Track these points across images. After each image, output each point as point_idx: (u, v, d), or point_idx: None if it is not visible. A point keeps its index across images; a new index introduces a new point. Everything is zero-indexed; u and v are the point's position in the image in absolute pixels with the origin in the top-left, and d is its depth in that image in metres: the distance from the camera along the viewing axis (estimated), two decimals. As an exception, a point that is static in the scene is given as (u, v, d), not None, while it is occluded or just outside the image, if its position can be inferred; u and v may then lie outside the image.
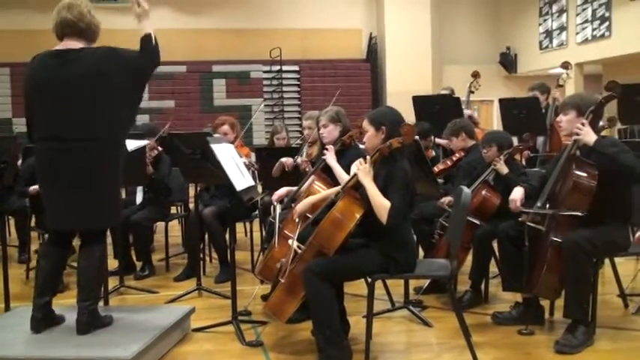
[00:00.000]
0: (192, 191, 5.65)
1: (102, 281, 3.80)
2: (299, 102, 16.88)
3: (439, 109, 6.40)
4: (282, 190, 4.60)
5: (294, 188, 4.60)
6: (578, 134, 3.68)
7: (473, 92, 7.16)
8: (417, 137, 4.31)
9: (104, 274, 4.01)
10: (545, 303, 4.13)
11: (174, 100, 16.06)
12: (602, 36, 14.01)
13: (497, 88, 16.29)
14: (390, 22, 16.53)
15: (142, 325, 3.70)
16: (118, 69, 3.46)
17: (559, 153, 4.15)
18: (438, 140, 6.09)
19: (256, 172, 5.77)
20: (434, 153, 6.03)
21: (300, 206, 3.75)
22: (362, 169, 3.43)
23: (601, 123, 4.19)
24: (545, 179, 3.98)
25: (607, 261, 4.64)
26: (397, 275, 3.56)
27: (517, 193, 3.94)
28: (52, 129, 3.46)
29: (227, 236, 5.15)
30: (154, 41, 3.61)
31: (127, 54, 3.54)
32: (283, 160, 5.18)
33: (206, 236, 5.68)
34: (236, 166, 3.94)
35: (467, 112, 6.85)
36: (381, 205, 3.34)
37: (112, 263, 5.32)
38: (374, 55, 17.26)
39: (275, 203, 4.49)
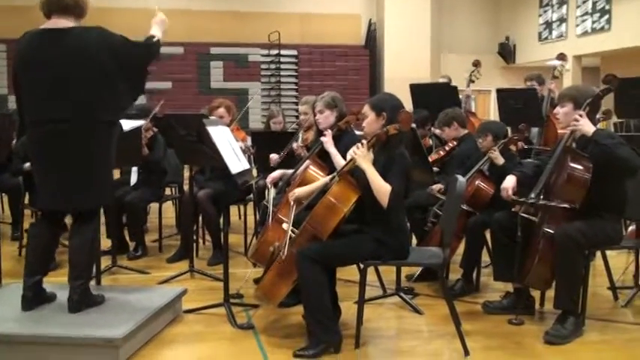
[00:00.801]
0: (186, 173, 5.63)
1: (93, 260, 3.80)
2: (296, 86, 16.83)
3: (436, 98, 6.38)
4: (276, 173, 4.60)
5: (289, 171, 4.60)
6: (576, 125, 3.68)
7: (473, 82, 7.14)
8: (413, 125, 4.30)
9: (96, 253, 4.00)
10: (535, 293, 4.15)
11: (171, 81, 15.98)
12: (602, 29, 13.99)
13: (495, 78, 16.26)
14: (390, 9, 16.46)
15: (133, 306, 3.71)
16: (107, 52, 3.41)
17: (554, 145, 4.15)
18: (433, 130, 6.09)
19: (252, 156, 5.76)
20: (431, 142, 6.02)
21: (298, 192, 3.73)
22: (360, 153, 3.42)
23: (597, 115, 4.20)
24: (540, 169, 3.99)
25: (599, 253, 4.66)
26: (389, 262, 3.57)
27: (509, 182, 3.94)
28: (39, 110, 3.44)
29: (221, 219, 5.15)
30: (157, 44, 3.64)
31: (118, 39, 3.49)
32: (271, 155, 5.18)
33: (200, 218, 5.67)
34: (232, 149, 3.93)
35: (467, 91, 6.85)
36: (382, 187, 3.34)
37: (105, 243, 5.32)
38: (372, 41, 17.19)
39: (269, 186, 4.49)
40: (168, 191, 6.81)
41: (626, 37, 13.12)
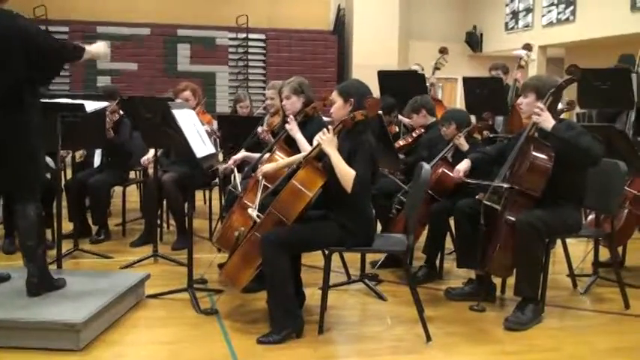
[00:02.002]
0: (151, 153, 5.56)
1: (43, 240, 3.73)
2: (264, 71, 16.71)
3: (404, 85, 6.39)
4: (239, 155, 4.55)
5: (253, 155, 4.57)
6: (536, 119, 3.72)
7: (439, 69, 7.16)
8: (380, 112, 4.31)
9: (43, 232, 3.92)
10: (497, 280, 4.21)
11: (136, 63, 15.73)
12: (567, 20, 14.16)
13: (461, 67, 16.35)
14: (359, -5, 16.42)
15: (95, 290, 3.67)
16: (16, 36, 3.39)
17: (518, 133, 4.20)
18: (400, 117, 6.11)
19: (218, 140, 5.71)
20: (397, 129, 6.04)
21: (266, 167, 3.73)
22: (326, 139, 3.42)
23: (560, 106, 4.25)
24: (502, 150, 4.04)
25: (559, 241, 4.74)
26: (354, 248, 3.58)
27: (463, 164, 4.03)
28: None
29: (186, 203, 5.10)
30: (74, 52, 3.63)
31: (30, 27, 3.49)
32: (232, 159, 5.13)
33: (164, 202, 5.62)
34: (197, 133, 3.89)
35: (431, 79, 6.89)
36: (346, 173, 3.35)
37: (67, 226, 5.23)
38: (341, 27, 17.14)
39: (232, 166, 4.44)
40: (132, 174, 6.73)
41: (590, 28, 13.30)
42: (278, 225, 3.45)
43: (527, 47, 7.03)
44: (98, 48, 3.75)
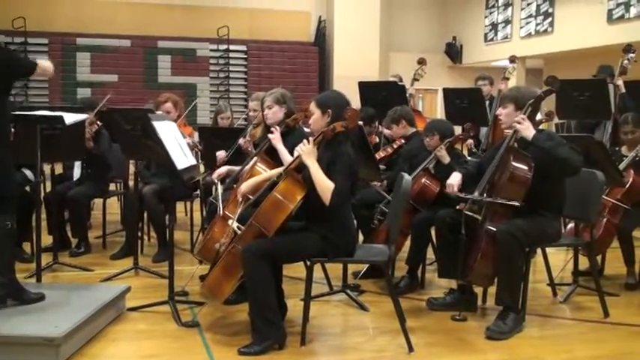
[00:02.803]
0: (132, 168, 5.54)
1: (9, 251, 3.69)
2: (245, 82, 16.75)
3: (384, 96, 6.43)
4: (223, 169, 4.55)
5: (236, 168, 4.57)
6: (517, 128, 3.76)
7: (417, 80, 7.20)
8: (360, 122, 4.33)
9: (11, 244, 3.89)
10: (478, 290, 4.23)
11: (117, 74, 15.69)
12: (545, 31, 14.35)
13: (441, 78, 16.51)
14: (340, 7, 16.53)
15: (74, 304, 3.64)
16: None
17: (495, 145, 4.24)
18: (381, 128, 6.13)
19: (199, 152, 5.70)
20: (377, 139, 6.06)
21: (244, 186, 3.73)
22: (305, 150, 3.43)
23: (539, 116, 4.30)
24: (481, 166, 4.07)
25: (539, 250, 4.78)
26: (336, 259, 3.59)
27: (455, 178, 4.00)
28: None
29: (166, 215, 5.08)
30: (32, 67, 3.72)
31: None
32: (217, 153, 5.14)
33: (145, 214, 5.59)
34: (178, 145, 3.89)
35: (410, 89, 6.93)
36: (325, 185, 3.35)
37: (46, 239, 5.18)
38: (322, 38, 17.25)
39: (216, 182, 4.44)
40: (112, 187, 6.68)
41: (568, 39, 13.49)
42: (259, 237, 3.44)
43: (513, 59, 7.10)
44: (45, 64, 3.79)
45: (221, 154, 5.14)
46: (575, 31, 13.19)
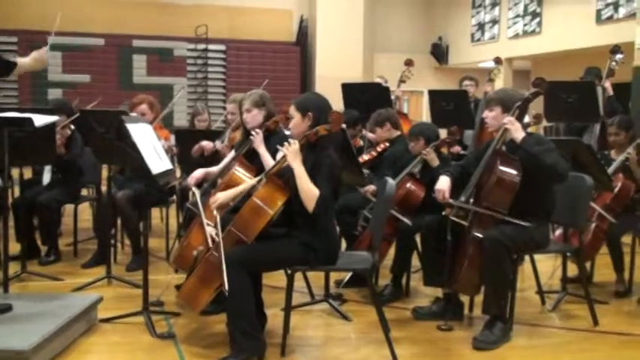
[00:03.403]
0: (105, 173, 5.49)
1: None
2: (224, 83, 16.70)
3: (368, 98, 6.44)
4: (199, 173, 4.48)
5: (212, 169, 4.54)
6: (507, 128, 3.78)
7: (404, 81, 7.23)
8: (344, 125, 4.33)
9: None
10: (465, 299, 4.25)
11: (90, 74, 15.57)
12: (533, 32, 14.46)
13: (427, 79, 16.58)
14: (322, 5, 16.54)
15: (44, 315, 3.60)
16: None
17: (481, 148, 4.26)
18: (365, 132, 6.13)
19: (175, 156, 5.67)
20: (361, 143, 6.07)
21: (222, 199, 3.67)
22: (291, 150, 3.41)
23: (527, 119, 4.33)
24: (464, 169, 4.08)
25: (527, 258, 4.81)
26: (317, 267, 3.58)
27: (444, 183, 3.96)
28: None
29: (141, 222, 5.04)
30: (7, 70, 3.75)
31: None
32: (204, 143, 5.12)
33: (118, 221, 5.55)
34: (153, 148, 3.86)
35: (397, 91, 6.96)
36: (309, 190, 3.35)
37: (14, 247, 5.12)
38: (304, 38, 17.24)
39: (192, 188, 4.39)
40: (84, 192, 6.63)
41: (556, 40, 13.61)
42: (238, 244, 3.43)
43: (498, 60, 7.16)
44: (33, 58, 3.71)
45: (209, 145, 5.09)
46: (564, 31, 13.31)
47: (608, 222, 4.68)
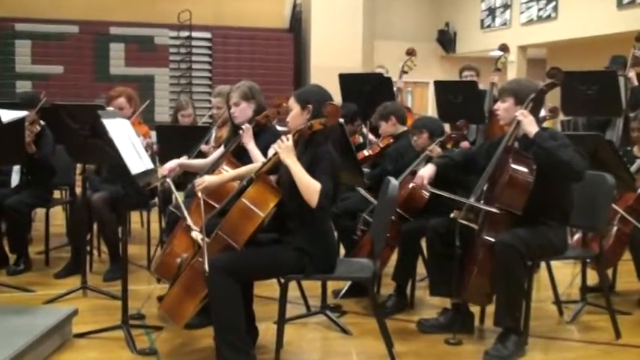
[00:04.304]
0: (79, 173, 5.49)
1: None
2: (210, 74, 16.71)
3: (369, 90, 6.45)
4: (172, 163, 4.44)
5: (189, 161, 4.53)
6: (520, 121, 3.79)
7: (406, 72, 7.24)
8: (341, 120, 4.34)
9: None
10: (475, 309, 4.25)
11: (62, 65, 15.56)
12: (548, 17, 14.49)
13: (433, 69, 16.60)
14: (318, -12, 16.56)
15: (12, 329, 3.59)
16: None
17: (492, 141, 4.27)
18: (365, 130, 6.14)
19: (156, 155, 5.67)
20: (361, 139, 6.08)
21: (208, 181, 3.71)
22: (284, 147, 3.43)
23: (543, 113, 4.34)
24: (470, 158, 4.10)
25: (543, 264, 4.82)
26: (314, 276, 3.58)
27: (426, 170, 4.04)
28: None
29: (119, 227, 5.04)
30: None
31: None
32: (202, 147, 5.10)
33: (94, 226, 5.54)
34: (132, 146, 3.87)
35: (399, 83, 6.98)
36: (310, 184, 3.36)
37: (-20, 255, 5.13)
38: (298, 24, 17.26)
39: (168, 180, 4.34)
40: (57, 194, 6.63)
41: (573, 26, 13.62)
42: (226, 250, 3.43)
43: (503, 48, 7.15)
44: None
45: (206, 148, 5.08)
46: (582, 17, 13.33)
47: (632, 225, 4.69)
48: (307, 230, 3.47)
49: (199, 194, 3.67)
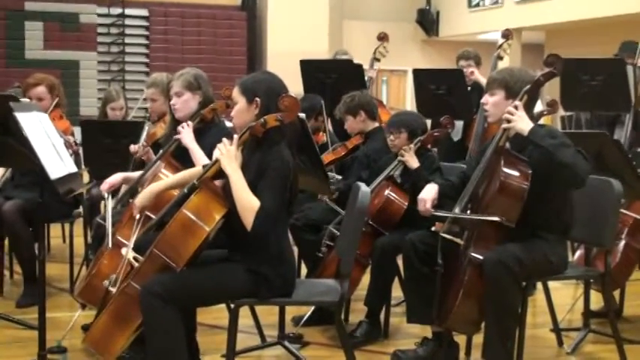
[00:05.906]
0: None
1: None
2: (147, 60, 16.64)
3: (335, 79, 6.47)
4: (116, 178, 4.46)
5: (134, 174, 4.53)
6: (509, 120, 3.82)
7: (378, 60, 7.26)
8: (302, 115, 4.35)
9: None
10: (460, 339, 4.28)
11: (-33, 48, 15.40)
12: (546, -5, 14.66)
13: (412, 55, 16.73)
14: (275, -41, 16.60)
15: None
16: None
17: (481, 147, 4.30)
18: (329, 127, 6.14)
19: (78, 155, 5.63)
20: (325, 138, 6.08)
21: (141, 197, 3.69)
22: (226, 153, 3.42)
23: (540, 108, 4.38)
24: (467, 176, 4.12)
25: (539, 286, 4.87)
26: (269, 300, 3.58)
27: (428, 192, 4.02)
28: None
29: (36, 242, 4.99)
30: None
31: None
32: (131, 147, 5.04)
33: (5, 241, 5.48)
34: (52, 146, 3.85)
35: (370, 72, 6.99)
36: (247, 203, 3.35)
37: None
38: (252, 2, 17.26)
39: (105, 195, 4.36)
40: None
41: (576, 6, 13.78)
42: (164, 271, 3.41)
43: (506, 34, 7.14)
44: None
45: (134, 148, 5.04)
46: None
47: (642, 239, 4.77)
48: (260, 247, 3.46)
49: (136, 214, 3.64)
